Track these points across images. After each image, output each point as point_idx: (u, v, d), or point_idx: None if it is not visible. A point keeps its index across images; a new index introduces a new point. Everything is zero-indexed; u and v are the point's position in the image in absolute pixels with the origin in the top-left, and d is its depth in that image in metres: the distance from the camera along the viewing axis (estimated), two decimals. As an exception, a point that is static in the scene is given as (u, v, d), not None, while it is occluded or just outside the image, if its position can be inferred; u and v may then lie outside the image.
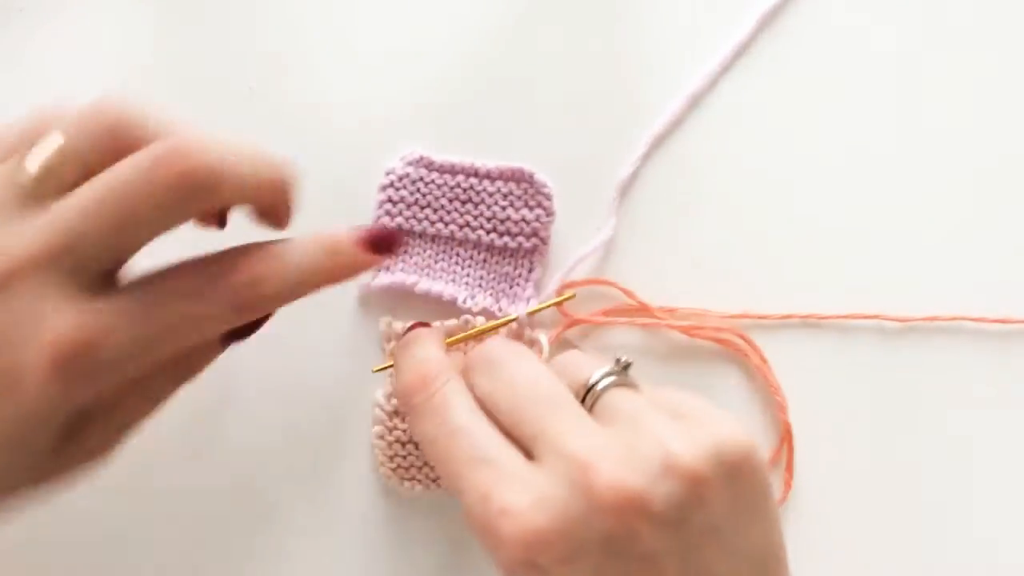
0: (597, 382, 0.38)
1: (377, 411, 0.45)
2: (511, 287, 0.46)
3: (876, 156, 0.49)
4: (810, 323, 0.47)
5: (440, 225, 0.46)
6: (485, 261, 0.46)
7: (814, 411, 0.47)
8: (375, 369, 0.43)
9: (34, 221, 0.33)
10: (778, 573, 0.37)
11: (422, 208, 0.46)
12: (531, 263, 0.46)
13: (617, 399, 0.37)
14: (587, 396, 0.38)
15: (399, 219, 0.46)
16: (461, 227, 0.46)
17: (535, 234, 0.46)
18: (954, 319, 0.48)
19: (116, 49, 0.48)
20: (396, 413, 0.45)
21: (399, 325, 0.45)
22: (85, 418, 0.34)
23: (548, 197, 0.46)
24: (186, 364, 0.37)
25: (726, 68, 0.49)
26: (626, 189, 0.48)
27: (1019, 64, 0.50)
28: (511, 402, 0.37)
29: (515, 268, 0.46)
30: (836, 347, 0.47)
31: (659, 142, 0.48)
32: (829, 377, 0.47)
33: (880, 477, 0.47)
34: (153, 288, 0.34)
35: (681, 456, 0.34)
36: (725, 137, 0.49)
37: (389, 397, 0.45)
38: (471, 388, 0.38)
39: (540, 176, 0.46)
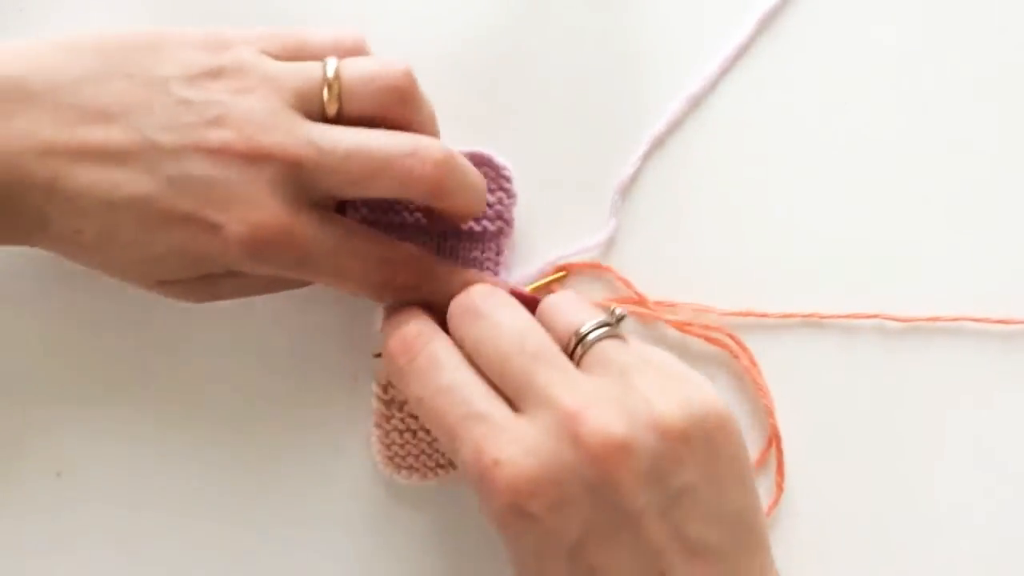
0: (589, 332, 0.39)
1: (374, 401, 0.45)
2: (481, 271, 0.46)
3: (877, 156, 0.49)
4: (811, 322, 0.47)
5: (405, 214, 0.46)
6: (452, 248, 0.46)
7: (814, 410, 0.47)
8: (375, 353, 0.43)
9: (302, 126, 0.40)
10: (751, 536, 0.38)
11: (385, 200, 0.45)
12: (498, 246, 0.46)
13: (607, 350, 0.38)
14: (578, 345, 0.39)
15: (363, 210, 0.45)
16: (425, 215, 0.46)
17: (499, 217, 0.46)
18: (956, 320, 0.47)
19: None
20: (393, 402, 0.45)
21: None
22: (228, 274, 0.41)
23: (508, 179, 0.46)
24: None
25: (726, 69, 0.49)
26: (626, 190, 0.48)
27: (1020, 64, 0.50)
28: (497, 354, 0.38)
29: (483, 252, 0.46)
30: (837, 347, 0.47)
31: (659, 142, 0.48)
32: (829, 377, 0.47)
33: (880, 478, 0.47)
34: (345, 236, 0.41)
35: (665, 414, 0.36)
36: (725, 138, 0.49)
37: (385, 387, 0.45)
38: (458, 340, 0.39)
39: (499, 159, 0.46)
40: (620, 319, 0.40)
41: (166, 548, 0.45)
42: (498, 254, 0.46)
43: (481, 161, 0.46)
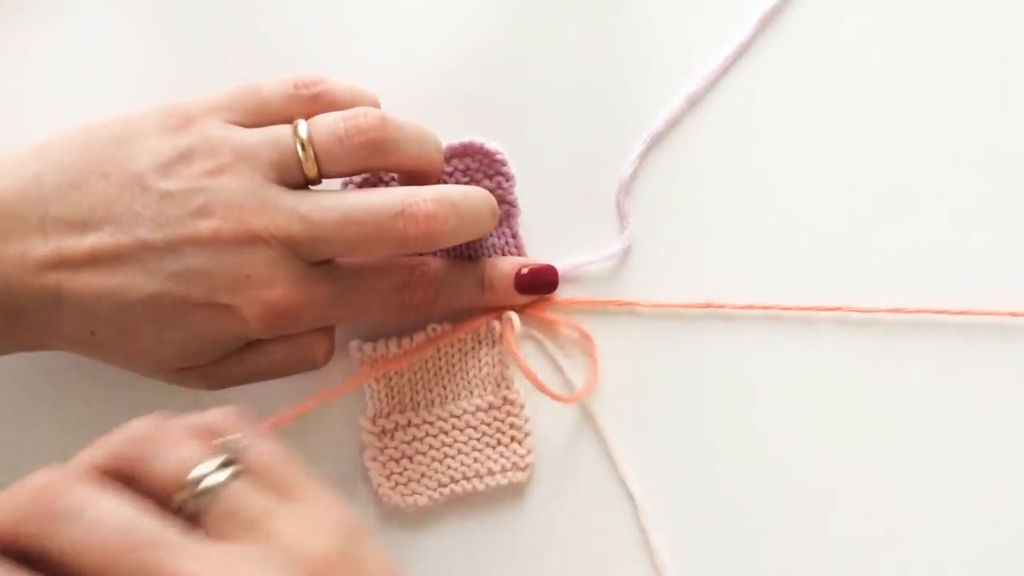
0: (204, 481, 0.31)
1: (365, 435, 0.46)
2: (503, 256, 0.47)
3: (872, 155, 0.49)
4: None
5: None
6: (469, 241, 0.46)
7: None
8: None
9: (289, 201, 0.40)
10: None
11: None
12: (511, 229, 0.47)
13: (232, 499, 0.31)
14: (194, 498, 0.31)
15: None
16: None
17: (503, 200, 0.47)
18: (918, 312, 0.48)
19: (116, 49, 0.48)
20: (384, 432, 0.46)
21: (368, 347, 0.46)
22: (244, 350, 0.42)
23: (503, 163, 0.47)
24: (311, 354, 0.43)
25: (726, 68, 0.49)
26: (625, 189, 0.48)
27: (1015, 66, 0.50)
28: (104, 555, 0.29)
29: (499, 238, 0.47)
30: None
31: (657, 142, 0.49)
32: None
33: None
34: (351, 279, 0.42)
35: (313, 550, 0.31)
36: (724, 137, 0.49)
37: (374, 418, 0.46)
38: (45, 552, 0.29)
39: (490, 145, 0.46)
40: (231, 462, 0.32)
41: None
42: (514, 236, 0.47)
43: (473, 150, 0.46)
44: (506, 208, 0.47)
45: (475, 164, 0.46)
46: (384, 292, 0.43)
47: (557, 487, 0.47)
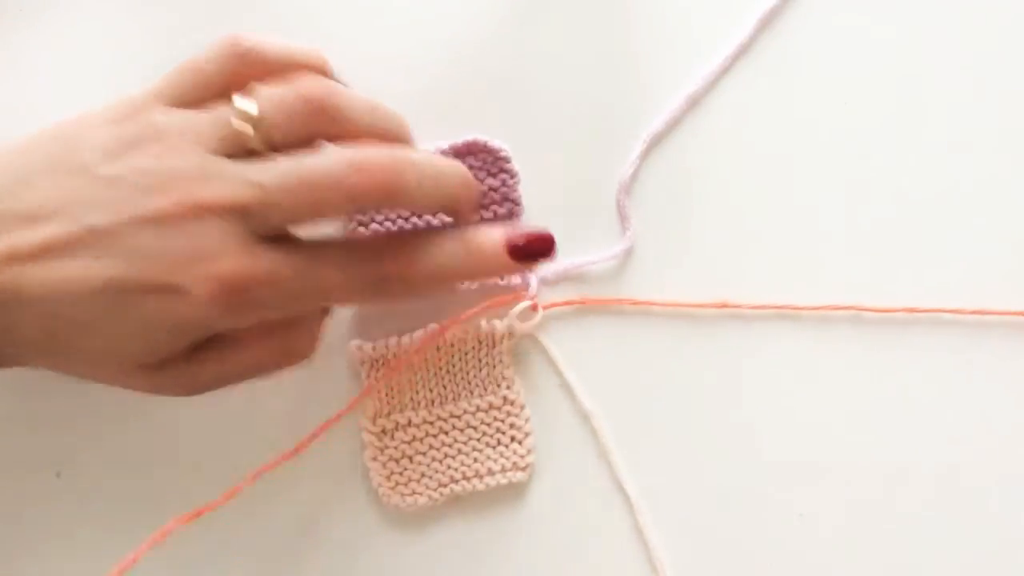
0: None
1: (365, 435, 0.46)
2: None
3: (873, 154, 0.49)
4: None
5: (415, 217, 0.46)
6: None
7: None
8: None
9: (236, 169, 0.39)
10: None
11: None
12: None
13: None
14: None
15: (374, 224, 0.46)
16: (435, 213, 0.46)
17: (507, 199, 0.47)
18: (932, 311, 0.48)
19: (116, 48, 0.48)
20: (384, 432, 0.46)
21: (368, 347, 0.46)
22: (209, 346, 0.40)
23: (507, 160, 0.47)
24: (294, 346, 0.42)
25: (726, 68, 0.49)
26: (626, 189, 0.48)
27: (1018, 64, 0.50)
28: None
29: None
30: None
31: (658, 141, 0.49)
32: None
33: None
34: (311, 253, 0.40)
35: None
36: (724, 137, 0.49)
37: (374, 418, 0.46)
38: None
39: (494, 142, 0.46)
40: None
41: (166, 550, 0.43)
42: None
43: (476, 148, 0.46)
44: (510, 206, 0.47)
45: (478, 162, 0.47)
46: (350, 264, 0.40)
47: (557, 487, 0.47)
